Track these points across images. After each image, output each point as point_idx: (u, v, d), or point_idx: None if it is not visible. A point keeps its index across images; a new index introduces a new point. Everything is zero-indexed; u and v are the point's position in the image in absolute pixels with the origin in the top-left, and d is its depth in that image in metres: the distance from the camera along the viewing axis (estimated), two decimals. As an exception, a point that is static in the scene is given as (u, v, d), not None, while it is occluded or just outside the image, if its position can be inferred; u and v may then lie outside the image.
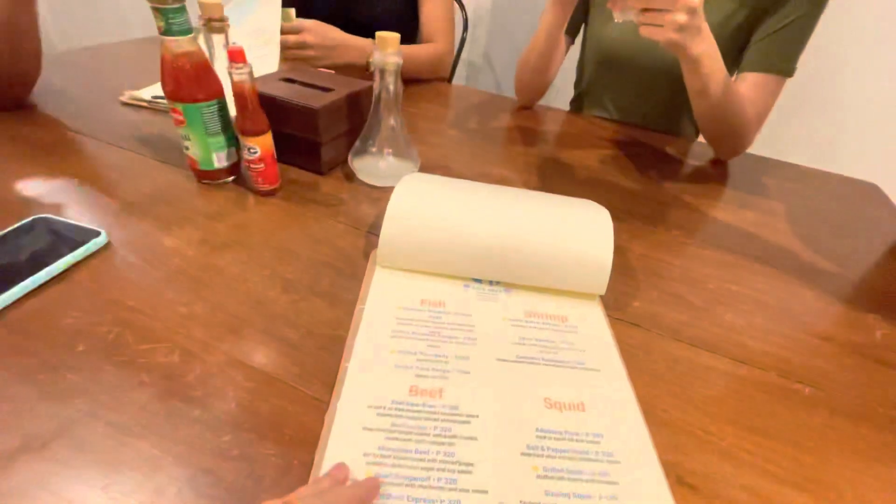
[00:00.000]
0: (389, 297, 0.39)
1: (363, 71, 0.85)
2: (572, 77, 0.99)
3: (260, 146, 0.48)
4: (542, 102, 0.91)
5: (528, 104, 0.88)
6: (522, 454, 0.29)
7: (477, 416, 0.31)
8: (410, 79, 0.94)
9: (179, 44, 0.44)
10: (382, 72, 0.50)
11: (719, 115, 0.66)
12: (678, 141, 0.83)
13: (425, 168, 0.62)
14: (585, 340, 0.38)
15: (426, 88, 0.94)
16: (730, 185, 0.70)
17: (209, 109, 0.47)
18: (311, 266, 0.43)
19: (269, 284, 0.40)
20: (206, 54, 0.47)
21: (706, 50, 0.56)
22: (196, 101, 0.46)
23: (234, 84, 0.45)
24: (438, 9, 0.96)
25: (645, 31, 0.53)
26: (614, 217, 0.44)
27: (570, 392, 0.33)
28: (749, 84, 0.69)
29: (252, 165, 0.49)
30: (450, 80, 1.32)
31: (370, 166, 0.55)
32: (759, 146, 0.78)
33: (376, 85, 0.51)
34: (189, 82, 0.45)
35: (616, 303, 0.43)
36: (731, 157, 0.76)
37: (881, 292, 0.50)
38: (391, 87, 0.51)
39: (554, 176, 0.65)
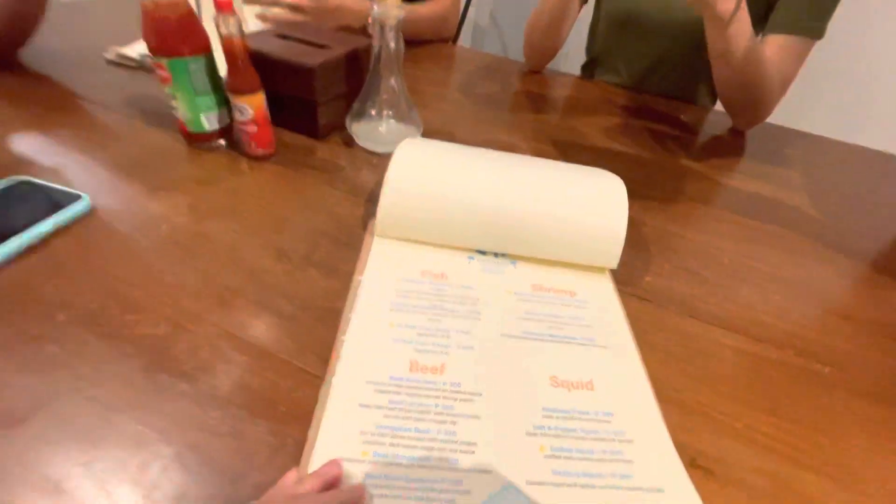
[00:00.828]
0: (389, 269, 0.37)
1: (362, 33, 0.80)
2: (583, 41, 0.94)
3: (252, 106, 0.45)
4: (551, 67, 0.86)
5: (536, 68, 0.83)
6: (528, 434, 0.28)
7: (480, 395, 0.29)
8: (412, 40, 0.89)
9: (161, -8, 0.40)
10: (382, 27, 0.46)
11: (742, 80, 0.62)
12: (695, 109, 0.79)
13: (428, 134, 0.59)
14: (594, 316, 0.36)
15: (429, 50, 0.89)
16: (748, 156, 0.66)
17: (196, 65, 0.44)
18: (307, 235, 0.41)
19: (263, 253, 0.38)
20: (193, 6, 0.44)
21: (733, 8, 0.52)
22: (182, 55, 0.43)
23: (222, 38, 0.41)
24: None
25: None
26: (627, 188, 0.42)
27: (579, 370, 0.32)
28: (775, 47, 0.64)
29: (244, 127, 0.46)
30: (455, 41, 1.26)
31: (369, 130, 0.52)
32: (779, 115, 0.74)
33: (376, 41, 0.48)
34: (173, 35, 0.42)
35: (627, 277, 0.41)
36: (751, 126, 0.72)
37: (904, 270, 0.47)
38: (392, 44, 0.48)
39: (564, 144, 0.62)
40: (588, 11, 0.90)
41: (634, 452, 0.27)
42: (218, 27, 0.41)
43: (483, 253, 0.41)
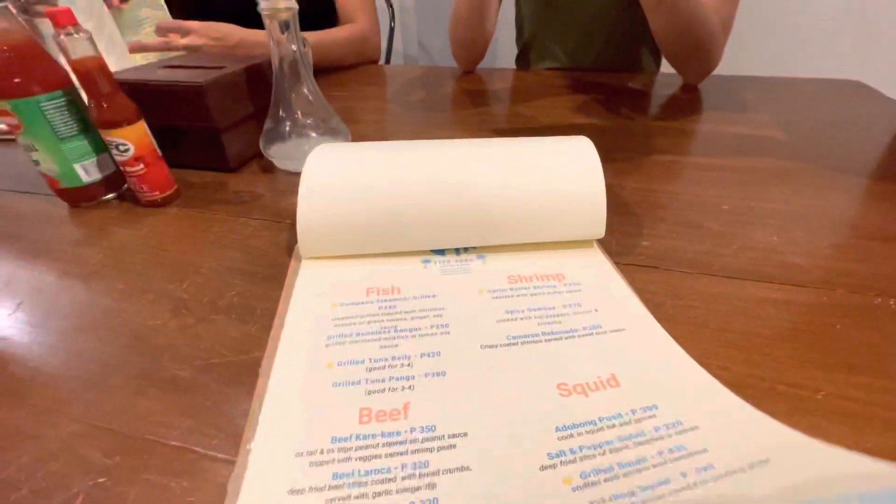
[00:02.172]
0: (321, 295, 0.29)
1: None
2: (512, 35, 0.91)
3: (131, 140, 0.37)
4: (485, 66, 0.82)
5: (468, 67, 0.79)
6: (543, 468, 0.19)
7: (464, 435, 0.20)
8: (336, 65, 0.84)
9: (-15, 20, 0.32)
10: (274, 21, 0.39)
11: (683, 27, 0.58)
12: (641, 76, 0.75)
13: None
14: (595, 297, 0.28)
15: (356, 72, 0.84)
16: (709, 107, 0.62)
17: (53, 104, 0.36)
18: (213, 278, 0.32)
19: (154, 311, 0.29)
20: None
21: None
22: (30, 94, 0.35)
23: (71, 62, 0.34)
24: None
25: None
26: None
27: (593, 367, 0.23)
28: (706, -9, 0.61)
29: (129, 168, 0.38)
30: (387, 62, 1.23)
31: (288, 149, 0.45)
32: (722, 67, 0.71)
33: (273, 46, 0.41)
34: (13, 70, 0.34)
35: (620, 247, 0.34)
36: (702, 78, 0.68)
37: (918, 178, 0.42)
38: (293, 46, 0.41)
39: (513, 131, 0.56)
40: (510, 6, 0.87)
41: (705, 439, 0.19)
42: (62, 49, 0.33)
43: (441, 253, 0.33)
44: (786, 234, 0.34)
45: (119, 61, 0.63)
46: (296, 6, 0.39)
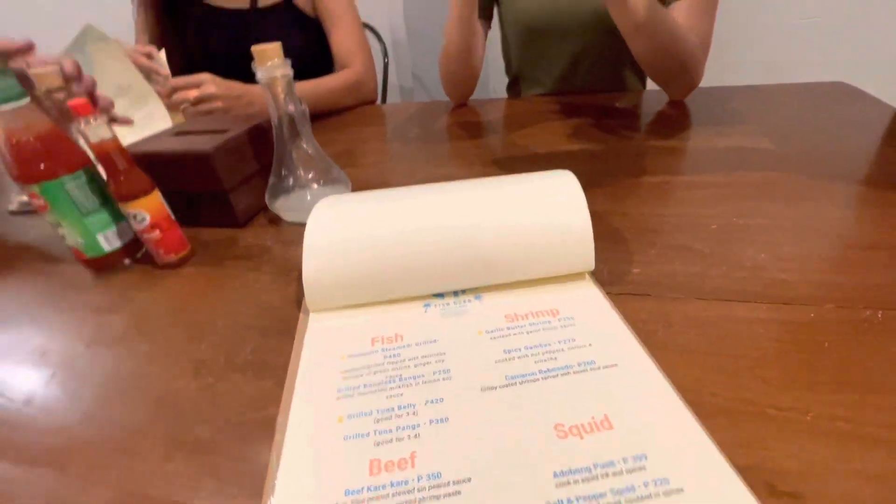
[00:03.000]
0: (330, 347, 0.31)
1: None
2: (501, 68, 0.94)
3: (147, 210, 0.40)
4: (479, 97, 0.85)
5: (460, 100, 0.82)
6: None
7: (468, 481, 0.22)
8: (335, 109, 0.88)
9: (12, 116, 0.36)
10: (272, 89, 0.42)
11: (662, 49, 0.60)
12: (627, 95, 0.77)
13: (363, 187, 0.54)
14: (588, 331, 0.29)
15: (354, 114, 0.88)
16: (696, 121, 0.63)
17: (75, 183, 0.39)
18: (229, 336, 0.34)
19: (176, 373, 0.31)
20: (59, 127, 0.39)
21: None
22: (55, 176, 0.38)
23: (91, 145, 0.37)
24: (347, 33, 0.91)
25: None
26: (585, 184, 0.37)
27: (588, 405, 0.24)
28: (683, 12, 0.63)
29: (146, 235, 0.41)
30: (383, 102, 1.27)
31: (293, 202, 0.47)
32: (707, 78, 0.73)
33: (272, 109, 0.44)
34: (38, 157, 0.37)
35: (612, 276, 0.35)
36: (687, 93, 0.70)
37: (905, 181, 0.42)
38: (291, 107, 0.44)
39: (508, 161, 0.58)
40: (499, 34, 0.91)
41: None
42: (83, 135, 0.36)
43: (441, 296, 0.34)
44: (773, 250, 0.35)
45: (151, 121, 0.66)
46: (290, 72, 0.43)
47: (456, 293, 0.34)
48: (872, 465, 0.21)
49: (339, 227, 0.33)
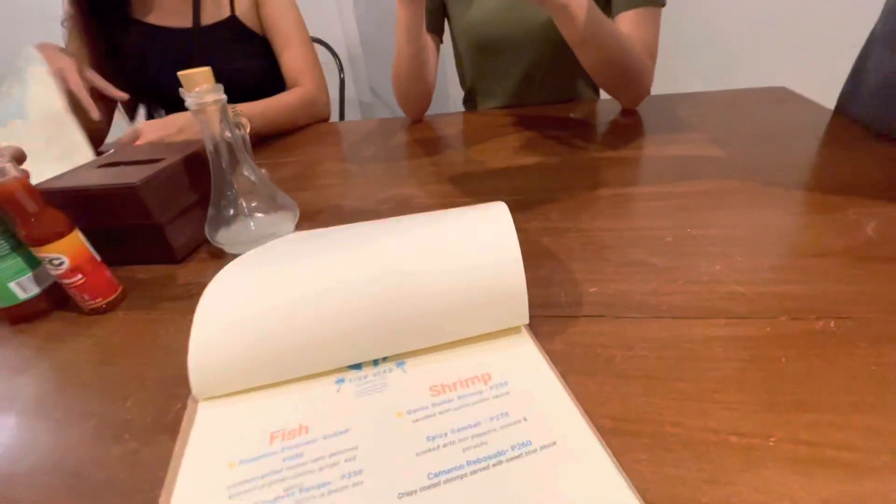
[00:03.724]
0: (218, 452, 0.25)
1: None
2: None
3: (65, 253, 0.36)
4: (439, 110, 0.84)
5: (416, 117, 0.80)
6: None
7: None
8: (287, 129, 0.85)
9: None
10: (202, 116, 0.39)
11: (609, 60, 0.60)
12: (581, 105, 0.78)
13: (313, 213, 0.52)
14: (523, 399, 0.26)
15: (306, 134, 0.85)
16: (648, 130, 0.64)
17: (-22, 229, 0.35)
18: (158, 391, 0.30)
19: (95, 440, 0.28)
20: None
21: (572, -4, 0.51)
22: (-48, 223, 0.34)
23: (-9, 186, 0.33)
24: (297, 51, 0.88)
25: None
26: (540, 200, 0.36)
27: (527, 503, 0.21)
28: (628, 24, 0.64)
29: (65, 281, 0.37)
30: (341, 120, 1.25)
31: (236, 234, 0.44)
32: (659, 87, 0.74)
33: (205, 136, 0.41)
34: (-69, 202, 0.33)
35: (569, 297, 0.34)
36: (638, 102, 0.71)
37: (844, 183, 0.43)
38: (227, 133, 0.41)
39: (464, 178, 0.56)
40: (451, 52, 0.90)
41: None
42: (-19, 175, 0.32)
43: (358, 367, 0.30)
44: (727, 262, 0.35)
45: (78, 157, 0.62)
46: (224, 97, 0.40)
47: (375, 363, 0.30)
48: (836, 494, 0.20)
49: (235, 297, 0.29)
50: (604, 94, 0.80)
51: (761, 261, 0.34)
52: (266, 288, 0.29)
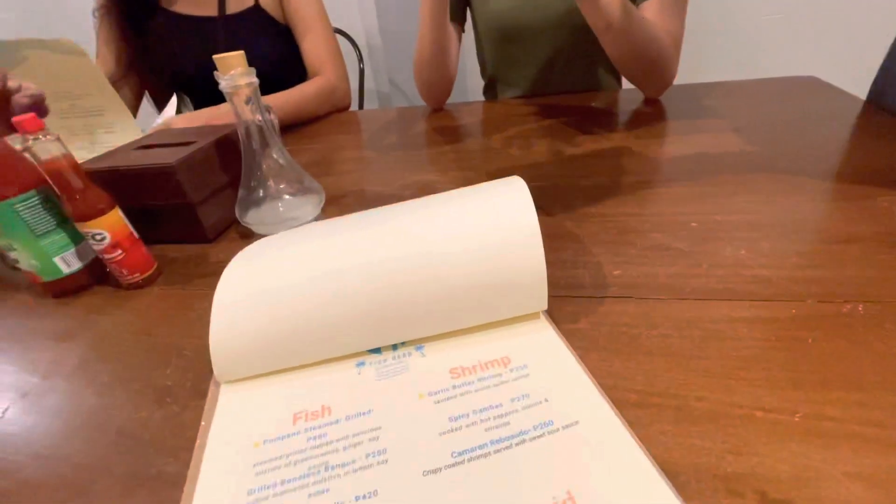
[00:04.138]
0: (242, 431, 0.26)
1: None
2: (479, 70, 0.93)
3: (107, 229, 0.38)
4: (458, 99, 0.84)
5: (437, 105, 0.81)
6: None
7: None
8: (309, 118, 0.87)
9: (-45, 134, 0.34)
10: (235, 99, 0.41)
11: (634, 48, 0.60)
12: (603, 94, 0.77)
13: (338, 197, 0.53)
14: (543, 381, 0.26)
15: (330, 122, 0.86)
16: (672, 118, 0.63)
17: (27, 204, 0.37)
18: (196, 360, 0.32)
19: (138, 403, 0.29)
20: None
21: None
22: (3, 198, 0.36)
23: (42, 164, 0.35)
24: (318, 40, 0.89)
25: None
26: (562, 187, 0.36)
27: (549, 483, 0.21)
28: (654, 11, 0.64)
29: (106, 256, 0.39)
30: (360, 108, 1.26)
31: (265, 215, 0.46)
32: (682, 74, 0.73)
33: (238, 119, 0.42)
34: (-15, 178, 0.35)
35: (593, 279, 0.34)
36: (662, 91, 0.70)
37: (875, 171, 0.43)
38: (257, 116, 0.43)
39: (484, 165, 0.57)
40: (473, 42, 0.90)
41: None
42: (32, 153, 0.34)
43: (377, 351, 0.30)
44: (753, 247, 0.35)
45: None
46: (256, 80, 0.41)
47: (395, 346, 0.30)
48: (862, 467, 0.20)
49: (254, 280, 0.29)
50: (626, 84, 0.79)
51: (788, 246, 0.34)
52: (283, 274, 0.29)
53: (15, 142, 0.36)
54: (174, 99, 0.74)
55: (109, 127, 0.63)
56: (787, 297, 0.30)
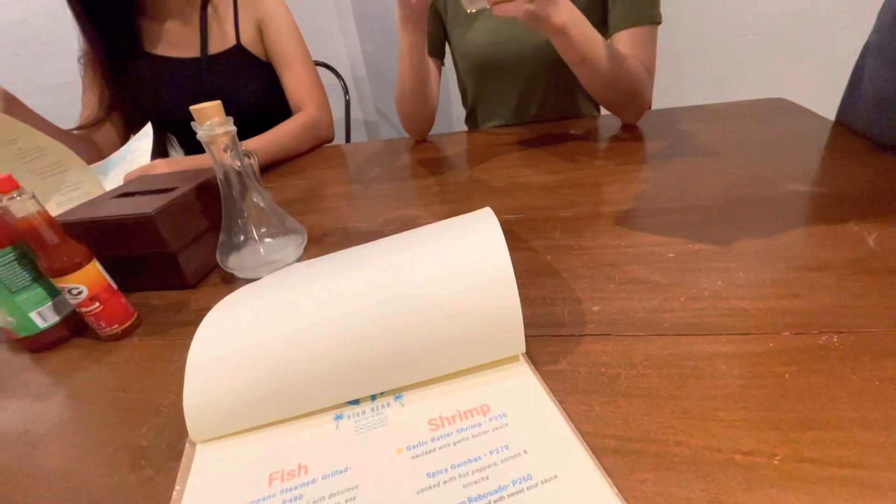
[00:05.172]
0: (216, 497, 0.25)
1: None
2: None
3: (84, 283, 0.37)
4: (443, 129, 0.86)
5: (420, 137, 0.82)
6: None
7: None
8: (294, 155, 0.87)
9: (-72, 196, 0.33)
10: (213, 147, 0.41)
11: (609, 79, 0.62)
12: (581, 122, 0.79)
13: (321, 236, 0.53)
14: (523, 431, 0.26)
15: (312, 157, 0.87)
16: (649, 143, 0.65)
17: (1, 262, 0.37)
18: (173, 417, 0.31)
19: (113, 466, 0.28)
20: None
21: (569, 16, 0.52)
22: (-23, 257, 0.35)
23: (17, 221, 0.35)
24: (299, 75, 0.91)
25: (499, 10, 0.48)
26: (539, 219, 0.36)
27: None
28: (625, 42, 0.66)
29: (84, 309, 0.38)
30: (347, 140, 1.27)
31: (246, 259, 0.45)
32: (659, 101, 0.75)
33: (216, 166, 0.43)
34: (-42, 238, 0.35)
35: (572, 316, 0.34)
36: (638, 117, 0.72)
37: (845, 196, 0.44)
38: (235, 161, 0.43)
39: (467, 198, 0.57)
40: (454, 73, 0.92)
41: None
42: (7, 212, 0.34)
43: (356, 402, 0.30)
44: (729, 277, 0.35)
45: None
46: (233, 129, 0.41)
47: (373, 397, 0.30)
48: (842, 513, 0.20)
49: (227, 338, 0.29)
50: (604, 111, 0.81)
51: (763, 275, 0.35)
52: (257, 331, 0.29)
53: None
54: (148, 128, 0.74)
55: (74, 181, 0.63)
56: (763, 329, 0.30)
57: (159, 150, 0.97)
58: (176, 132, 0.98)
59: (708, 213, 0.44)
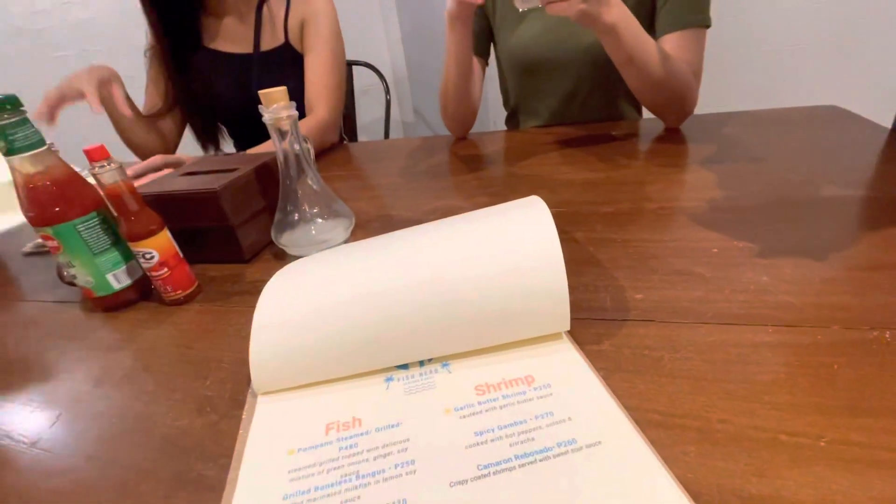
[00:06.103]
0: (277, 439, 0.27)
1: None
2: (501, 101, 0.97)
3: (156, 248, 0.40)
4: (481, 129, 0.87)
5: (460, 135, 0.84)
6: None
7: None
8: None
9: (31, 161, 0.37)
10: (277, 130, 0.44)
11: (655, 80, 0.62)
12: (623, 124, 0.79)
13: (367, 221, 0.56)
14: (567, 400, 0.27)
15: (357, 150, 0.90)
16: (692, 146, 0.64)
17: (87, 225, 0.40)
18: (234, 371, 0.34)
19: (181, 411, 0.31)
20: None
21: (620, 16, 0.53)
22: (68, 219, 0.39)
23: (104, 188, 0.38)
24: (318, 72, 0.90)
25: (552, 10, 0.50)
26: (581, 213, 0.37)
27: (572, 500, 0.21)
28: (672, 45, 0.66)
29: (153, 273, 0.41)
30: (386, 137, 1.30)
31: (298, 236, 0.48)
32: (703, 105, 0.75)
33: (277, 148, 0.45)
34: (52, 201, 0.39)
35: (615, 303, 0.35)
36: (682, 121, 0.71)
37: (903, 200, 0.43)
38: (295, 145, 0.46)
39: (507, 191, 0.59)
40: (496, 74, 0.94)
41: None
42: (97, 179, 0.37)
43: (405, 367, 0.31)
44: (776, 272, 0.35)
45: None
46: (296, 113, 0.44)
47: (421, 363, 0.31)
48: (891, 493, 0.20)
49: (291, 300, 0.32)
50: (647, 114, 0.80)
51: (811, 273, 0.35)
52: (318, 295, 0.31)
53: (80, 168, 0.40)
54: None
55: None
56: (811, 322, 0.30)
57: (211, 141, 1.02)
58: (226, 123, 1.04)
59: (754, 213, 0.44)
